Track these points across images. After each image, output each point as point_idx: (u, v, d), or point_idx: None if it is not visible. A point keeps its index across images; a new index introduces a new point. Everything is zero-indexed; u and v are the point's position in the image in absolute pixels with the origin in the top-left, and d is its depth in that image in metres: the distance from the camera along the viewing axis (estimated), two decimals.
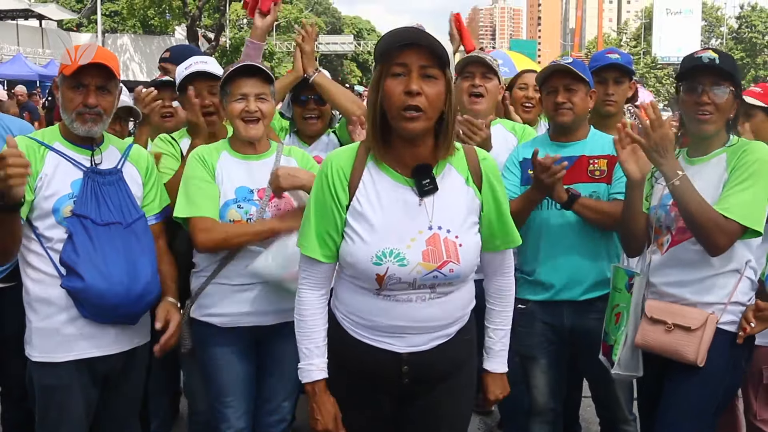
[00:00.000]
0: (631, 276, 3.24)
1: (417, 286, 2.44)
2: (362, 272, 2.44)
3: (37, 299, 2.99)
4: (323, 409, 2.54)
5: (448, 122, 2.41)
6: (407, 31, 2.32)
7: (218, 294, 3.25)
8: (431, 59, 2.32)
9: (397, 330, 2.49)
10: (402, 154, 2.45)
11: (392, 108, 2.34)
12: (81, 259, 2.90)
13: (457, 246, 2.44)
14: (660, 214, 3.20)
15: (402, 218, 2.43)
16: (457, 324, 2.59)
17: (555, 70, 3.55)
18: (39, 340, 2.99)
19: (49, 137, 3.06)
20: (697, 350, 3.02)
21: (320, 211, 2.50)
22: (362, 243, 2.43)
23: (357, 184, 2.47)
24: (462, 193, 2.51)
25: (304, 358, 2.56)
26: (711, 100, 3.06)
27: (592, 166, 3.51)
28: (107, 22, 47.88)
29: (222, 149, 3.30)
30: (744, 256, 3.10)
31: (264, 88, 3.23)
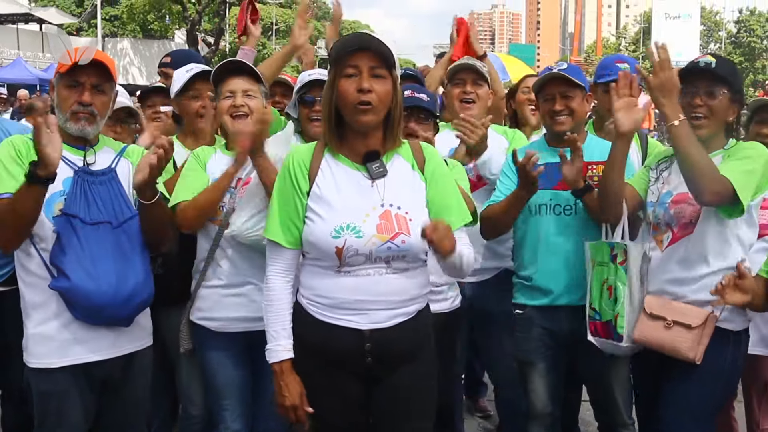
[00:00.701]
0: (612, 247, 3.26)
1: (373, 260, 2.66)
2: (323, 249, 2.66)
3: (32, 305, 2.99)
4: (290, 387, 2.73)
5: (394, 117, 2.72)
6: (358, 36, 2.68)
7: (210, 298, 3.32)
8: (379, 61, 2.63)
9: (359, 305, 2.68)
10: (355, 146, 2.73)
11: (347, 104, 2.64)
12: (68, 259, 2.88)
13: (407, 220, 2.68)
14: (659, 212, 3.23)
15: (357, 197, 2.70)
16: (415, 303, 2.78)
17: (550, 78, 3.55)
18: (34, 346, 2.98)
19: None
20: (695, 348, 3.04)
21: (283, 200, 2.75)
22: (322, 221, 2.67)
23: (316, 172, 2.74)
24: (409, 176, 2.78)
25: (271, 339, 2.76)
26: (704, 102, 3.12)
27: (590, 171, 3.51)
28: (107, 26, 47.89)
29: (217, 148, 3.45)
30: (740, 253, 3.14)
31: (251, 85, 3.35)
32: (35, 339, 2.98)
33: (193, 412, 3.60)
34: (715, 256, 3.12)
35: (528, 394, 3.68)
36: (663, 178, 3.30)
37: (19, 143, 3.00)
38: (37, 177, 2.72)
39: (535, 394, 3.64)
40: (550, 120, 3.60)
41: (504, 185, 3.63)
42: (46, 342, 2.96)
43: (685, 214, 3.15)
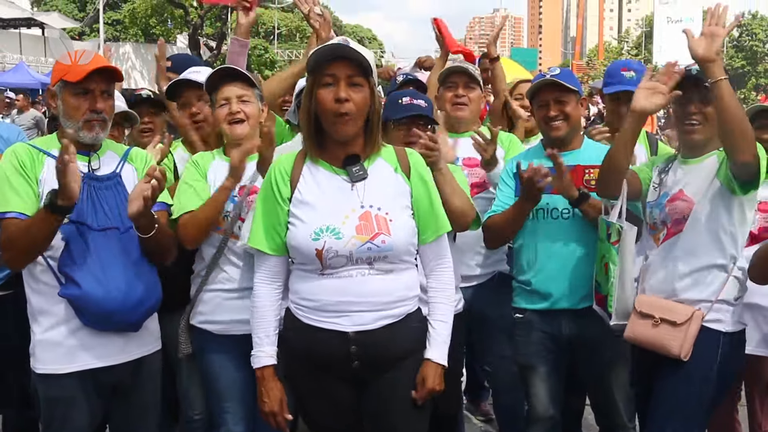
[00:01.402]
0: (608, 226, 3.29)
1: (355, 261, 2.69)
2: (304, 252, 2.70)
3: (40, 311, 2.97)
4: (271, 393, 2.79)
5: (373, 123, 2.76)
6: (334, 46, 2.68)
7: (212, 301, 3.32)
8: (356, 69, 2.67)
9: (342, 306, 2.70)
10: (335, 152, 2.77)
11: (325, 114, 2.68)
12: (78, 267, 2.88)
13: (387, 221, 2.71)
14: (655, 212, 3.29)
15: (337, 200, 2.73)
16: (402, 305, 2.77)
17: (544, 84, 3.56)
18: (42, 352, 2.97)
19: (47, 144, 3.04)
20: (681, 344, 3.07)
21: (266, 208, 2.80)
22: (302, 224, 2.71)
23: (298, 179, 2.78)
24: (391, 179, 2.81)
25: (255, 346, 2.82)
26: (699, 110, 3.17)
27: (587, 175, 3.51)
28: (109, 30, 47.96)
29: (217, 154, 3.43)
30: (730, 251, 3.17)
31: (245, 90, 3.34)
32: (43, 345, 2.97)
33: (194, 416, 3.60)
34: (706, 251, 3.17)
35: (529, 398, 3.68)
36: (663, 181, 3.33)
37: (23, 154, 2.97)
38: (57, 207, 2.72)
39: (536, 397, 3.64)
40: (546, 126, 3.61)
41: (503, 193, 3.64)
42: (54, 348, 2.95)
43: (677, 211, 3.20)
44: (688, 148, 3.32)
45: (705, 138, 3.22)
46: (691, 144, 3.26)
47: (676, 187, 3.27)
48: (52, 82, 3.01)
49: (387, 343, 2.73)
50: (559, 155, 3.36)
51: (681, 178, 3.29)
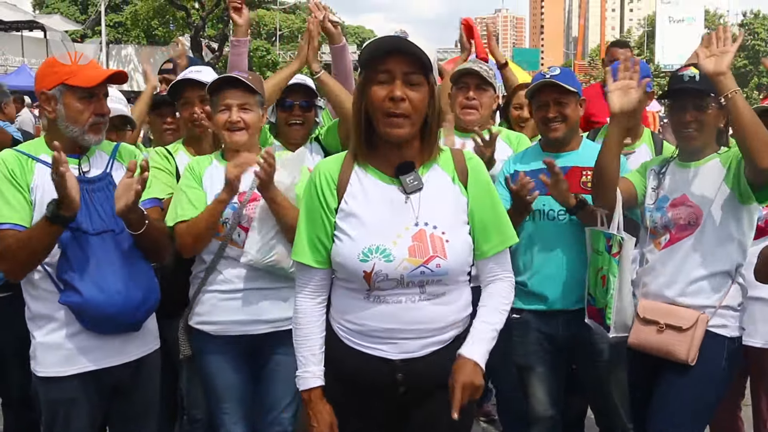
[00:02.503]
0: (609, 238, 3.26)
1: (405, 284, 2.45)
2: (350, 271, 2.47)
3: (39, 316, 2.97)
4: (320, 417, 2.55)
5: (431, 126, 2.48)
6: (391, 39, 2.39)
7: (210, 302, 3.31)
8: (414, 66, 2.39)
9: (389, 334, 2.49)
10: (388, 157, 2.51)
11: (378, 113, 2.41)
12: (76, 273, 2.87)
13: (443, 242, 2.46)
14: (656, 216, 3.26)
15: (388, 215, 2.47)
16: (452, 330, 2.56)
17: (543, 85, 3.55)
18: (42, 355, 2.97)
19: (35, 149, 3.00)
20: (688, 349, 3.06)
21: (310, 218, 2.56)
22: (350, 241, 2.47)
23: (345, 187, 2.53)
24: (448, 190, 2.55)
25: (300, 366, 2.58)
26: (694, 117, 3.16)
27: (584, 177, 3.51)
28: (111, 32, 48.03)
29: (213, 158, 3.40)
30: (736, 258, 3.17)
31: (247, 98, 3.28)
32: (43, 348, 2.97)
33: (197, 415, 3.61)
34: (713, 260, 3.16)
35: (528, 398, 3.68)
36: (661, 183, 3.32)
37: (11, 162, 2.92)
38: (59, 218, 2.71)
39: (535, 398, 3.64)
40: (544, 127, 3.60)
41: (499, 194, 3.62)
42: (54, 351, 2.95)
43: (682, 216, 3.18)
44: (686, 152, 3.33)
45: (703, 143, 3.23)
46: (689, 150, 3.27)
47: (677, 191, 3.26)
48: (49, 85, 2.93)
49: (434, 370, 2.51)
50: (556, 164, 3.33)
51: (682, 181, 3.28)
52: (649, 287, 3.28)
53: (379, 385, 2.55)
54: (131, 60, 43.36)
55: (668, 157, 3.45)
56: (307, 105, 4.02)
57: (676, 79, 3.26)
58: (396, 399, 2.58)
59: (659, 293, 3.24)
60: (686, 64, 3.47)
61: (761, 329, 3.64)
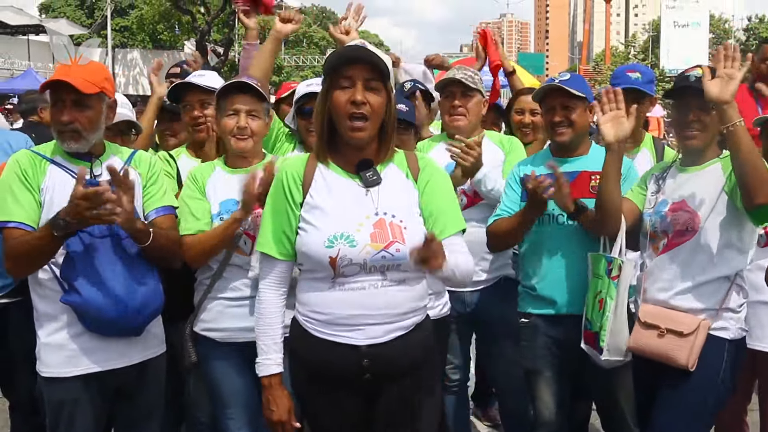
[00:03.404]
0: (609, 261, 3.27)
1: (368, 270, 2.63)
2: (316, 259, 2.63)
3: (45, 315, 3.00)
4: (279, 402, 2.74)
5: (388, 128, 2.71)
6: (352, 48, 2.65)
7: (215, 309, 3.32)
8: (374, 73, 2.61)
9: (354, 320, 2.64)
10: (348, 157, 2.73)
11: (340, 116, 2.63)
12: (78, 274, 2.89)
13: (402, 229, 2.65)
14: (655, 220, 3.26)
15: (351, 206, 2.67)
16: (413, 317, 2.73)
17: (551, 89, 3.56)
18: (47, 356, 3.00)
19: (51, 151, 3.06)
20: (688, 355, 3.06)
21: (276, 212, 2.74)
22: (315, 230, 2.65)
23: (310, 183, 2.72)
24: (403, 185, 2.76)
25: (261, 353, 2.76)
26: (697, 117, 3.15)
27: (593, 181, 3.51)
28: (117, 37, 48.15)
29: (216, 165, 3.41)
30: (736, 265, 3.16)
31: (256, 105, 3.29)
32: (47, 348, 3.00)
33: (201, 418, 3.63)
34: (715, 264, 3.15)
35: (535, 403, 3.68)
36: (661, 188, 3.32)
37: (25, 162, 2.99)
38: (61, 228, 2.74)
39: (541, 402, 3.64)
40: (551, 131, 3.62)
41: (508, 198, 3.65)
42: (58, 351, 2.98)
43: (679, 221, 3.17)
44: (687, 155, 3.33)
45: (704, 144, 3.22)
46: (690, 150, 3.26)
47: (676, 195, 3.25)
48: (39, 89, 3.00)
49: (398, 355, 2.69)
50: (558, 167, 3.35)
51: (681, 186, 3.28)
52: (647, 292, 3.27)
53: (346, 373, 2.68)
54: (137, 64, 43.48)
55: (670, 163, 3.46)
56: None
57: (681, 79, 3.26)
58: (362, 386, 2.71)
59: (656, 298, 3.23)
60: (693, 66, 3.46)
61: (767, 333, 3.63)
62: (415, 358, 2.75)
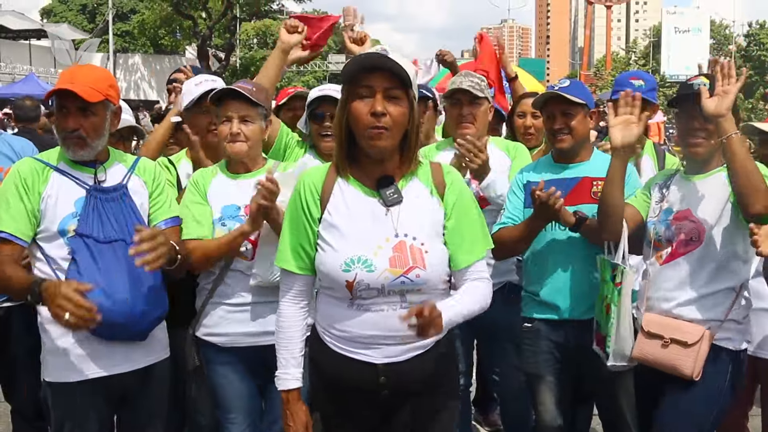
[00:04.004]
0: (614, 267, 3.27)
1: (386, 293, 2.54)
2: (333, 280, 2.56)
3: (49, 321, 2.95)
4: (296, 417, 2.67)
5: (411, 138, 2.57)
6: (371, 56, 2.51)
7: (217, 314, 3.32)
8: (394, 81, 2.48)
9: (372, 340, 2.58)
10: (369, 169, 2.61)
11: (359, 127, 2.50)
12: (84, 279, 2.87)
13: (422, 252, 2.55)
14: (660, 228, 3.25)
15: (369, 227, 2.56)
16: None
17: (550, 96, 3.56)
18: (51, 361, 3.00)
19: (54, 158, 3.05)
20: (693, 365, 3.05)
21: (294, 226, 2.66)
22: (332, 251, 2.56)
23: (328, 198, 2.62)
24: (427, 203, 2.63)
25: (281, 366, 2.70)
26: (702, 126, 3.15)
27: (595, 187, 3.52)
28: (119, 41, 48.24)
29: (218, 170, 3.41)
30: (742, 276, 3.15)
31: (248, 110, 3.29)
32: (52, 354, 3.00)
33: (201, 421, 3.61)
34: (720, 275, 3.14)
35: (536, 407, 3.68)
36: (665, 196, 3.31)
37: (26, 172, 2.99)
38: (35, 299, 2.78)
39: (543, 406, 3.64)
40: (552, 138, 3.62)
41: (512, 204, 3.65)
42: (63, 357, 2.98)
43: (684, 231, 3.16)
44: (691, 163, 3.32)
45: (708, 152, 3.21)
46: (695, 158, 3.25)
47: (681, 204, 3.24)
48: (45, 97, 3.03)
49: (416, 372, 2.62)
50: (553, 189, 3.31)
51: (686, 195, 3.27)
52: (650, 300, 3.27)
53: (363, 388, 2.63)
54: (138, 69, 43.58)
55: (673, 171, 3.46)
56: None
57: (686, 87, 3.25)
58: (379, 402, 2.66)
59: (660, 307, 3.22)
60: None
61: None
62: (434, 375, 2.68)
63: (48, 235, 2.96)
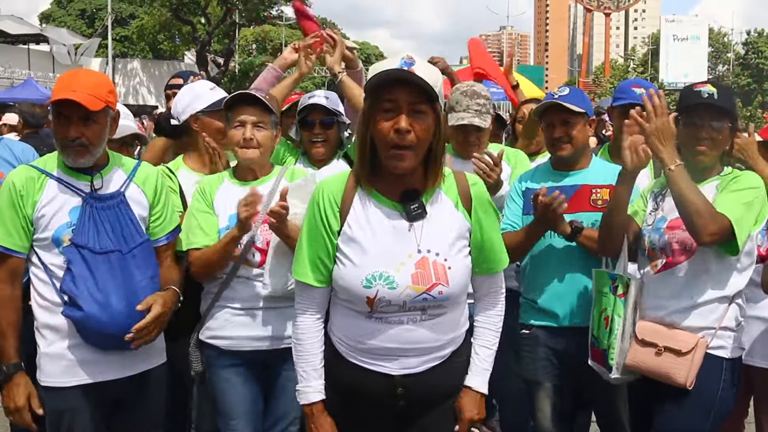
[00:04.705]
0: (614, 279, 3.26)
1: (407, 309, 2.50)
2: (354, 295, 2.50)
3: (44, 325, 2.99)
4: (322, 429, 2.61)
5: (436, 153, 2.49)
6: (397, 72, 2.40)
7: (223, 317, 3.32)
8: (419, 96, 2.39)
9: (390, 352, 2.54)
10: (391, 183, 2.52)
11: (382, 144, 2.42)
12: (79, 290, 2.87)
13: (446, 269, 2.50)
14: (653, 237, 3.23)
15: (391, 242, 2.50)
16: (450, 346, 2.62)
17: (550, 105, 3.56)
18: (46, 365, 2.99)
19: (51, 164, 3.01)
20: (686, 374, 3.04)
21: (312, 238, 2.58)
22: (353, 267, 2.50)
23: (348, 210, 2.54)
24: (451, 217, 2.57)
25: (302, 380, 2.64)
26: (709, 135, 3.13)
27: (594, 195, 3.53)
28: (117, 46, 48.28)
29: (225, 177, 3.41)
30: (738, 285, 3.14)
31: (262, 116, 3.29)
32: (47, 358, 2.99)
33: (204, 427, 3.60)
34: (714, 285, 3.12)
35: (535, 414, 3.67)
36: (660, 205, 3.30)
37: (20, 181, 2.95)
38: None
39: (541, 413, 3.63)
40: (551, 147, 3.62)
41: (511, 211, 3.66)
42: (58, 361, 2.97)
43: (677, 240, 3.14)
44: (692, 172, 3.29)
45: (711, 162, 3.20)
46: (698, 166, 3.21)
47: (674, 213, 3.22)
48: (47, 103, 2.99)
49: (434, 384, 2.59)
50: (540, 194, 3.31)
51: None
52: (645, 309, 3.25)
53: (379, 399, 2.59)
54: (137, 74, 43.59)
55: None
56: (329, 122, 4.04)
57: (693, 95, 3.20)
58: (395, 412, 2.62)
59: (653, 315, 3.20)
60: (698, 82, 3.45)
61: (762, 349, 3.61)
62: (451, 385, 2.66)
63: (44, 244, 2.96)
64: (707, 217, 2.95)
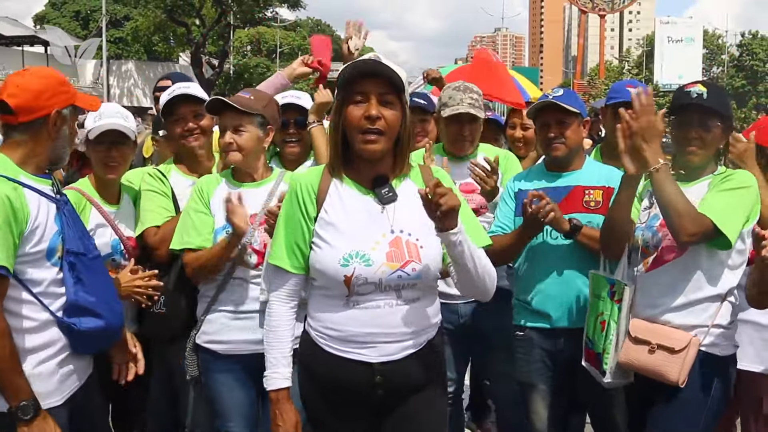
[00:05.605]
0: (612, 284, 3.26)
1: (383, 289, 2.59)
2: (331, 277, 2.60)
3: (30, 349, 2.72)
4: (285, 416, 2.68)
5: (403, 141, 2.66)
6: (366, 62, 2.59)
7: (219, 321, 3.33)
8: (388, 87, 2.57)
9: (368, 338, 2.61)
10: (363, 171, 2.68)
11: (354, 131, 2.58)
12: (95, 298, 2.80)
13: (418, 247, 2.62)
14: (647, 235, 3.24)
15: (366, 224, 2.63)
16: (425, 334, 2.71)
17: (545, 105, 3.56)
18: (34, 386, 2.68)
19: (12, 171, 2.71)
20: (679, 371, 3.05)
21: (289, 225, 2.70)
22: (330, 248, 2.61)
23: (324, 197, 2.68)
24: (419, 201, 2.55)
25: (270, 366, 2.71)
26: (698, 135, 3.14)
27: (587, 196, 3.53)
28: (112, 48, 48.17)
29: (223, 178, 3.43)
30: (730, 282, 3.14)
31: (240, 120, 3.31)
32: (34, 379, 2.70)
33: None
34: (706, 282, 3.13)
35: (529, 416, 3.67)
36: (654, 203, 3.30)
37: (9, 199, 2.61)
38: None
39: (536, 415, 3.63)
40: (546, 147, 3.62)
41: (502, 213, 3.66)
42: (46, 381, 2.75)
43: (669, 237, 3.15)
44: (684, 170, 3.29)
45: (702, 162, 3.21)
46: (689, 166, 3.23)
47: None
48: (63, 103, 2.80)
49: (411, 372, 2.67)
50: (536, 195, 3.32)
51: None
52: (636, 307, 3.26)
53: (358, 388, 2.66)
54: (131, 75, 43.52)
55: None
56: (303, 122, 4.03)
57: (683, 95, 3.22)
58: (374, 401, 2.69)
59: (645, 313, 3.21)
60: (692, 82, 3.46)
61: (748, 352, 3.60)
62: (426, 375, 2.72)
63: (34, 258, 2.69)
64: (686, 218, 2.97)
